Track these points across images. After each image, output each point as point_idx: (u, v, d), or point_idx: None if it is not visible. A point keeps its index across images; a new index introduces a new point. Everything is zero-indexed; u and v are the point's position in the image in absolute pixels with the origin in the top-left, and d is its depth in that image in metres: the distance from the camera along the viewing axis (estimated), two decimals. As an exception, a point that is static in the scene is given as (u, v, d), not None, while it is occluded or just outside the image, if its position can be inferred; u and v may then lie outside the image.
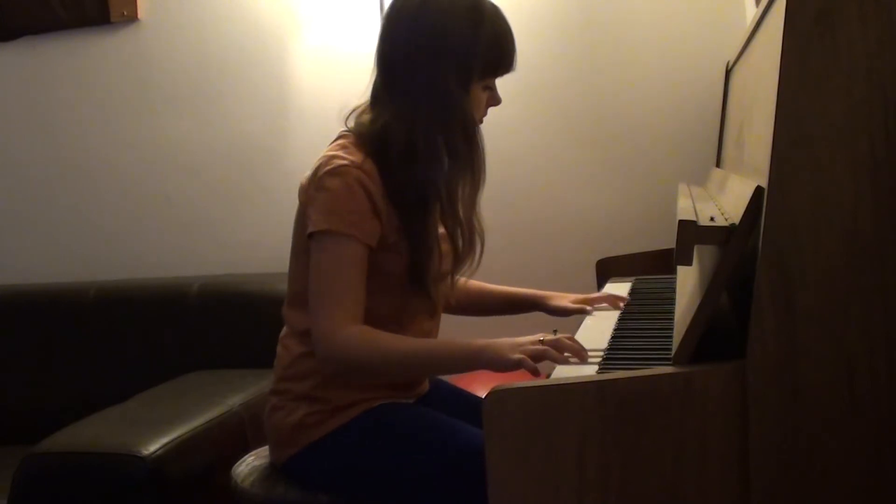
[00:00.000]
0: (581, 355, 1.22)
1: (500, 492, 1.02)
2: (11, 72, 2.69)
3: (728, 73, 1.96)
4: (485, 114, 1.47)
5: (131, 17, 2.56)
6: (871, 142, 0.92)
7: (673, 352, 1.02)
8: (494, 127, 2.40)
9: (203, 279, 2.37)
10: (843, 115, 0.93)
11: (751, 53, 1.42)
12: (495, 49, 1.39)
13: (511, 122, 2.38)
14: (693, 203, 1.36)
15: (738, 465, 0.96)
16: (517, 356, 1.22)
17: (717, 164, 2.00)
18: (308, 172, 1.40)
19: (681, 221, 0.97)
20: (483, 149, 1.45)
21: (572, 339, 1.26)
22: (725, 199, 1.25)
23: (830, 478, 0.95)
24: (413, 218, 1.38)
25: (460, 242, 1.43)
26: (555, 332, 1.28)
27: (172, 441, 1.65)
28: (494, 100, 1.46)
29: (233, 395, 1.93)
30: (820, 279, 0.93)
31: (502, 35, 1.40)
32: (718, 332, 1.05)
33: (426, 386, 1.59)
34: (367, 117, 1.42)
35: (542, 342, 1.24)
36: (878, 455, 0.94)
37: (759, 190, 0.96)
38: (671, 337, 1.22)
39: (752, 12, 1.74)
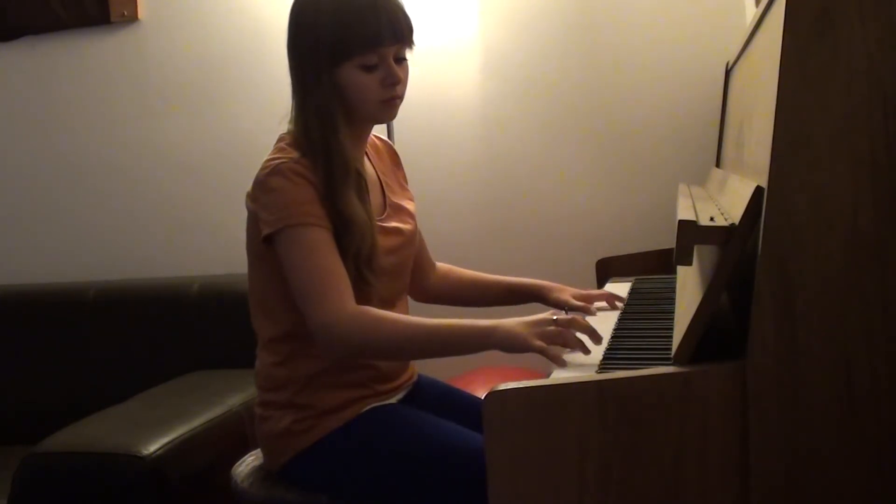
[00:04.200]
0: (594, 336, 1.23)
1: (500, 492, 1.01)
2: (11, 72, 2.69)
3: (728, 73, 1.96)
4: (387, 95, 1.39)
5: (131, 17, 2.56)
6: (871, 142, 0.92)
7: (673, 352, 1.02)
8: (495, 127, 2.42)
9: (203, 279, 2.37)
10: (843, 115, 0.93)
11: (751, 53, 1.42)
12: (340, 28, 1.34)
13: (511, 122, 2.38)
14: (693, 203, 1.36)
15: (738, 465, 0.96)
16: (537, 343, 1.21)
17: (717, 164, 2.00)
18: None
19: (681, 221, 0.97)
20: (339, 139, 1.37)
21: (581, 318, 1.26)
22: (725, 199, 1.25)
23: (830, 478, 0.95)
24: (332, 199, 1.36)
25: (343, 234, 1.36)
26: (566, 311, 1.27)
27: (172, 441, 1.65)
28: (389, 77, 1.37)
29: (233, 395, 1.93)
30: (820, 279, 0.93)
31: (347, 11, 1.34)
32: (718, 332, 1.05)
33: (414, 375, 1.58)
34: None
35: (556, 321, 1.23)
36: (878, 455, 0.94)
37: (759, 190, 0.96)
38: (671, 337, 1.22)
39: (752, 12, 1.74)
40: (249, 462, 1.54)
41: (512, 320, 1.26)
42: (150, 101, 2.60)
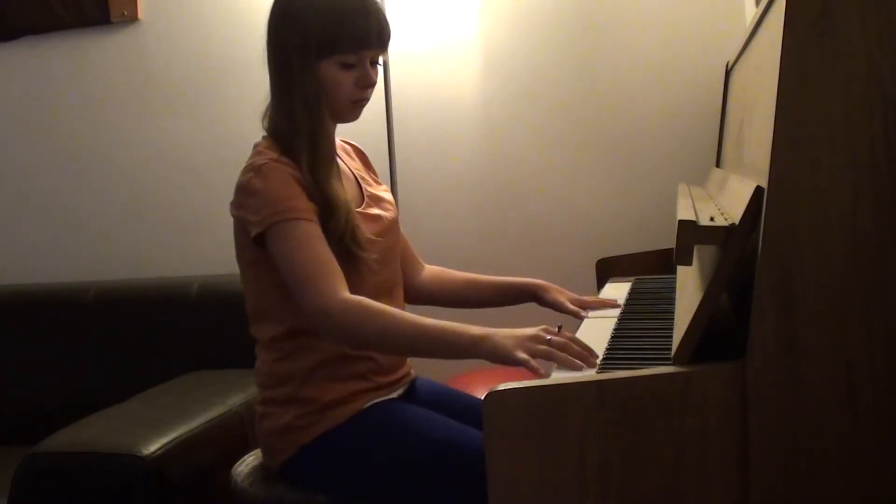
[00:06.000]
0: (589, 361, 1.16)
1: (500, 492, 1.01)
2: (11, 72, 2.69)
3: (728, 73, 1.96)
4: (358, 96, 1.44)
5: (131, 17, 2.56)
6: (871, 142, 0.92)
7: (673, 352, 1.02)
8: (495, 127, 2.42)
9: (203, 279, 2.37)
10: (843, 115, 0.93)
11: (751, 53, 1.42)
12: (331, 25, 1.38)
13: (511, 122, 2.38)
14: (693, 203, 1.36)
15: (738, 465, 0.96)
16: (521, 356, 1.18)
17: (717, 164, 2.00)
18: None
19: (681, 221, 0.97)
20: (325, 124, 1.44)
21: (578, 340, 1.21)
22: (725, 199, 1.25)
23: (830, 478, 0.95)
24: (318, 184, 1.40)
25: (329, 217, 1.39)
26: (559, 327, 1.26)
27: (172, 441, 1.65)
28: (364, 79, 1.43)
29: (233, 395, 1.93)
30: (820, 279, 0.93)
31: (340, 11, 1.38)
32: (718, 332, 1.05)
33: (411, 374, 1.58)
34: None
35: (549, 342, 1.19)
36: (878, 455, 0.94)
37: (759, 190, 0.96)
38: (671, 337, 1.22)
39: (751, 12, 1.74)
40: (249, 462, 1.54)
41: (504, 331, 1.23)
42: (149, 100, 2.60)
